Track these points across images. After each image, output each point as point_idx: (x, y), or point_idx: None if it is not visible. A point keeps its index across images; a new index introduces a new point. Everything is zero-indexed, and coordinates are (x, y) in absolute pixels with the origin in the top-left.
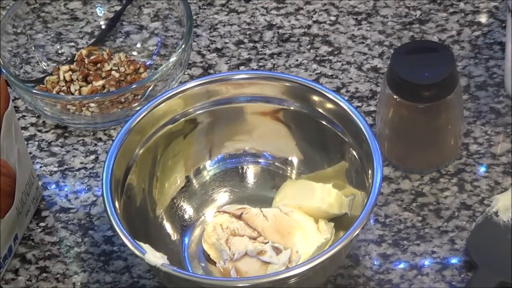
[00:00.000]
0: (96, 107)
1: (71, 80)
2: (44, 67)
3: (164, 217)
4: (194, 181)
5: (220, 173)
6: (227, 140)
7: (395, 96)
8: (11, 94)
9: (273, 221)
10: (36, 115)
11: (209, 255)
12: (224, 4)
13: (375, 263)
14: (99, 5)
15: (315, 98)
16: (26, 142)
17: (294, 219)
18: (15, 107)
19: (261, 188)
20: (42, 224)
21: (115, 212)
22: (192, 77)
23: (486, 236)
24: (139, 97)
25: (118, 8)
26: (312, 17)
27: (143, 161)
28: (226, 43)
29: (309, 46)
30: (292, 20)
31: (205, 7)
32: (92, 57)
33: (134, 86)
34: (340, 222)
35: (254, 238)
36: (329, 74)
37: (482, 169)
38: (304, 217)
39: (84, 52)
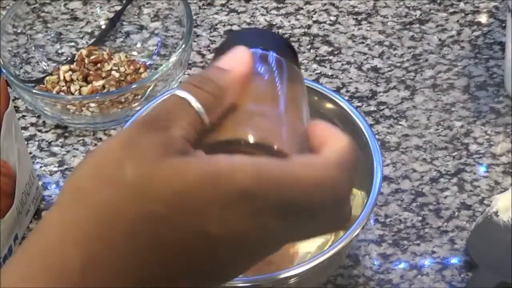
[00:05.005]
0: (96, 107)
1: (71, 80)
2: (44, 67)
3: None
4: None
5: None
6: None
7: None
8: (11, 94)
9: None
10: (36, 115)
11: None
12: (224, 4)
13: (375, 263)
14: (99, 5)
15: (315, 98)
16: (26, 142)
17: None
18: (15, 107)
19: None
20: None
21: None
22: None
23: (486, 236)
24: (139, 97)
25: (118, 8)
26: (312, 17)
27: None
28: None
29: (309, 46)
30: (292, 20)
31: (205, 7)
32: (92, 57)
33: (134, 86)
34: None
35: None
36: (329, 74)
37: (482, 169)
38: None
39: (84, 52)
